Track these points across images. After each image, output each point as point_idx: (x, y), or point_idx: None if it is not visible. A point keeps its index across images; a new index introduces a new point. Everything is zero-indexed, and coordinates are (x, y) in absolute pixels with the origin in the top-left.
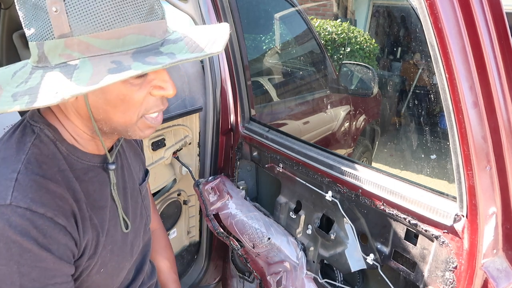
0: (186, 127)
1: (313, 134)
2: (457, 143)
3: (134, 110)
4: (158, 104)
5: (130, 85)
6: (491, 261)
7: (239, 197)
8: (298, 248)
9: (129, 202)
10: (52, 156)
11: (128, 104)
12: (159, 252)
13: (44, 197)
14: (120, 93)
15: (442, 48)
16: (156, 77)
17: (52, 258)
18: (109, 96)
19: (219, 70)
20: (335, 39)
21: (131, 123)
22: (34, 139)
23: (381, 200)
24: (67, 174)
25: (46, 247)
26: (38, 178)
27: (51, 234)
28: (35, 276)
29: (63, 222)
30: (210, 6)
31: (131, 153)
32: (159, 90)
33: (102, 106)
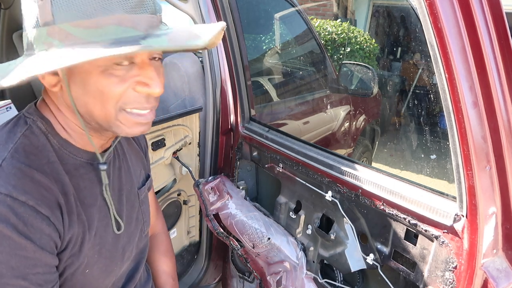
0: (186, 127)
1: (313, 134)
2: (457, 143)
3: (112, 103)
4: (140, 101)
5: (110, 76)
6: (491, 261)
7: (239, 197)
8: (298, 248)
9: (124, 204)
10: (42, 148)
11: (107, 96)
12: (160, 255)
13: (27, 185)
14: (99, 84)
15: (442, 48)
16: (141, 73)
17: (32, 246)
18: (89, 88)
19: (219, 70)
20: (335, 39)
21: (111, 117)
22: (25, 130)
23: (381, 200)
24: (56, 167)
25: (26, 235)
26: (23, 167)
27: (32, 223)
28: (14, 264)
29: (46, 212)
30: (210, 6)
31: (133, 155)
32: (143, 86)
33: (82, 97)
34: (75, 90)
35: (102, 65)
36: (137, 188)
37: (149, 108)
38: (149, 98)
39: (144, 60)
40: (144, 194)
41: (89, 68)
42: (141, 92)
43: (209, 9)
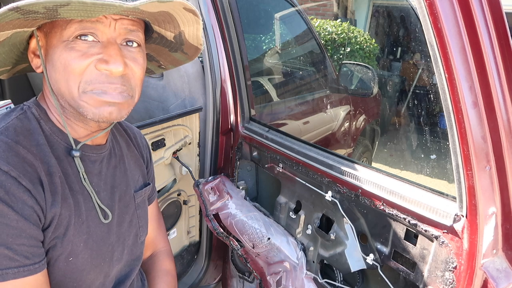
0: (186, 127)
1: (313, 134)
2: (457, 143)
3: (74, 79)
4: (101, 80)
5: (71, 49)
6: (490, 261)
7: (239, 197)
8: (298, 248)
9: (116, 202)
10: (32, 131)
11: (69, 70)
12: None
13: (11, 158)
14: (62, 58)
15: (441, 48)
16: (104, 51)
17: (14, 215)
18: (56, 63)
19: (219, 70)
20: (335, 39)
21: (75, 96)
22: (19, 114)
23: (381, 200)
24: (44, 149)
25: (7, 203)
26: (10, 142)
27: (14, 193)
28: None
29: (28, 186)
30: (210, 6)
31: (131, 161)
32: (102, 63)
33: (53, 75)
34: (48, 69)
35: (65, 40)
36: (134, 191)
37: (112, 89)
38: (111, 78)
39: (110, 39)
40: (141, 198)
41: (56, 43)
42: (101, 70)
43: (209, 9)
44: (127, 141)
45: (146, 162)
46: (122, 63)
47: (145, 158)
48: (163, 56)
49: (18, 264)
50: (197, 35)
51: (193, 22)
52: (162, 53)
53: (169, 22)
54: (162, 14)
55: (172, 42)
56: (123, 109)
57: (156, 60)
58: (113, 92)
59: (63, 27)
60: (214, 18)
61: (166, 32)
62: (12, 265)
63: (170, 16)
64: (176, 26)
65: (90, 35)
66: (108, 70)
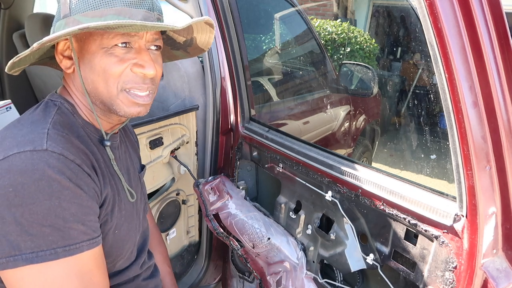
0: (183, 126)
1: (313, 134)
2: (457, 143)
3: (113, 81)
4: (137, 81)
5: (110, 55)
6: (491, 261)
7: (239, 197)
8: (298, 248)
9: (132, 182)
10: (72, 124)
11: (109, 73)
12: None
13: (71, 149)
14: (102, 62)
15: (441, 48)
16: (138, 57)
17: (86, 196)
18: (95, 66)
19: (219, 70)
20: (335, 39)
21: (113, 95)
22: (57, 109)
23: (381, 200)
24: (85, 139)
25: (79, 185)
26: (65, 135)
27: (81, 177)
28: (74, 211)
29: (88, 171)
30: (210, 6)
31: (131, 147)
32: (138, 68)
33: (89, 76)
34: (84, 70)
35: (105, 47)
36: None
37: (145, 88)
38: (145, 79)
39: (141, 46)
40: (142, 179)
41: (95, 49)
42: (137, 73)
43: (209, 9)
44: (124, 130)
45: (138, 148)
46: (154, 68)
47: (138, 144)
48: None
49: (89, 237)
50: (208, 41)
51: (206, 32)
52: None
53: (184, 30)
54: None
55: (179, 44)
56: (148, 107)
57: None
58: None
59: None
60: (214, 18)
61: (178, 37)
62: (85, 238)
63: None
64: (190, 33)
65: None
66: (143, 73)
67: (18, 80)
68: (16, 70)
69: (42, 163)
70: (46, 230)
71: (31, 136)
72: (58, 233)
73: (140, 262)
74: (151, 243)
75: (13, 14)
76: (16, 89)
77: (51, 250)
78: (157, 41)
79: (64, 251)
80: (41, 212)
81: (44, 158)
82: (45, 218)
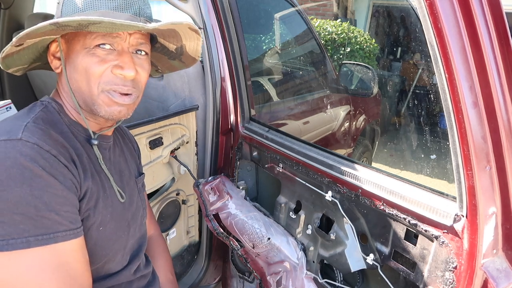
0: (183, 126)
1: (313, 134)
2: (457, 143)
3: (94, 81)
4: (117, 82)
5: (92, 55)
6: (491, 261)
7: (239, 197)
8: (298, 248)
9: (125, 185)
10: (56, 122)
11: (90, 73)
12: (158, 253)
13: (49, 141)
14: (84, 62)
15: (442, 48)
16: (119, 58)
17: (60, 185)
18: (78, 65)
19: (219, 70)
20: (335, 39)
21: (94, 95)
22: (42, 108)
23: (381, 200)
24: (69, 136)
25: (53, 174)
26: (44, 128)
27: (56, 167)
28: (46, 199)
29: (65, 162)
30: (210, 6)
31: (128, 153)
32: (118, 69)
33: (74, 75)
34: (69, 70)
35: (87, 47)
36: (135, 177)
37: (125, 90)
38: (125, 81)
39: (124, 48)
40: (140, 184)
41: (79, 49)
42: (117, 74)
43: (209, 9)
44: (122, 135)
45: (138, 155)
46: (134, 69)
47: (136, 150)
48: (161, 62)
49: (65, 228)
50: (197, 49)
51: (194, 39)
52: (161, 60)
53: (173, 37)
54: (168, 31)
55: (172, 52)
56: (130, 108)
57: (155, 65)
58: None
59: (86, 36)
60: (214, 18)
61: (169, 44)
62: (61, 228)
63: (175, 32)
64: (179, 40)
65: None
66: (122, 74)
67: (18, 80)
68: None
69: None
70: (17, 218)
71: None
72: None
73: (132, 268)
74: (156, 251)
75: (13, 14)
76: (16, 89)
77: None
78: (142, 46)
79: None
80: (12, 199)
81: (17, 146)
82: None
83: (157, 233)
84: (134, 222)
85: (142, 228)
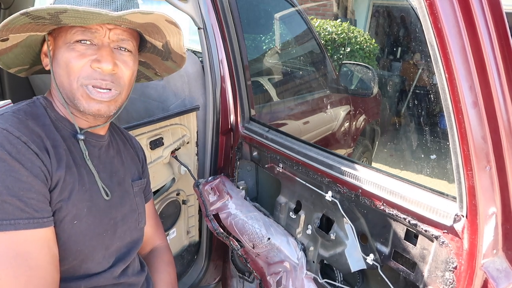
0: (183, 126)
1: (313, 134)
2: (457, 143)
3: (74, 75)
4: (95, 76)
5: (72, 50)
6: (491, 261)
7: (239, 197)
8: (298, 248)
9: (115, 185)
10: (40, 115)
11: (70, 67)
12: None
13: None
14: (65, 56)
15: (442, 48)
16: (97, 53)
17: (25, 171)
18: (60, 60)
19: (219, 70)
20: (335, 39)
21: (74, 89)
22: (29, 102)
23: (381, 200)
24: (50, 128)
25: (19, 160)
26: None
27: (24, 153)
28: (9, 183)
29: (35, 150)
30: (210, 6)
31: (128, 157)
32: (95, 63)
33: (57, 70)
34: (54, 65)
35: (68, 42)
36: (131, 180)
37: (104, 85)
38: (104, 75)
39: (103, 43)
40: (138, 188)
41: (61, 45)
42: (95, 68)
43: (209, 9)
44: (124, 141)
45: (141, 162)
46: (111, 62)
47: (140, 159)
48: (157, 64)
49: (28, 215)
50: (179, 44)
51: (175, 33)
52: (156, 62)
53: (157, 33)
54: (149, 26)
55: (162, 51)
56: (111, 105)
57: (152, 68)
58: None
59: (67, 32)
60: (214, 18)
61: (156, 42)
62: (23, 216)
63: (157, 28)
64: (163, 37)
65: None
66: (100, 67)
67: (18, 80)
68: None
69: None
70: None
71: None
72: None
73: (116, 272)
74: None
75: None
76: (16, 89)
77: None
78: (124, 42)
79: None
80: None
81: None
82: None
83: (163, 245)
84: (124, 224)
85: (136, 233)
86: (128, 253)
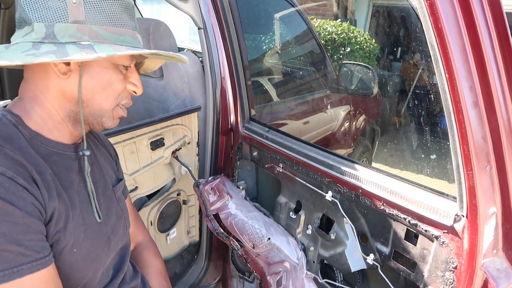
0: (185, 126)
1: (313, 134)
2: (457, 143)
3: (114, 96)
4: (128, 97)
5: (119, 73)
6: (491, 261)
7: (239, 197)
8: (298, 248)
9: (101, 196)
10: (12, 135)
11: (113, 88)
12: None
13: (2, 161)
14: (111, 77)
15: (442, 48)
16: (132, 76)
17: (19, 212)
18: (102, 78)
19: (219, 70)
20: (335, 39)
21: (109, 109)
22: None
23: (381, 200)
24: (28, 151)
25: (10, 201)
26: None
27: (13, 191)
28: (5, 230)
29: (24, 184)
30: (210, 6)
31: (102, 159)
32: (133, 86)
33: (92, 86)
34: (87, 79)
35: (115, 63)
36: (112, 185)
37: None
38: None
39: (133, 66)
40: (119, 192)
41: (107, 64)
42: (130, 90)
43: (209, 9)
44: (94, 141)
45: (114, 159)
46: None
47: (113, 156)
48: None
49: (30, 259)
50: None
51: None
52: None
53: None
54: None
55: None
56: None
57: None
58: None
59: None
60: (214, 18)
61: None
62: (26, 260)
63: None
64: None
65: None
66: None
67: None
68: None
69: None
70: None
71: None
72: None
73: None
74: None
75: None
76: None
77: None
78: None
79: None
80: None
81: None
82: None
83: (146, 239)
84: (114, 235)
85: (125, 239)
86: (122, 261)
